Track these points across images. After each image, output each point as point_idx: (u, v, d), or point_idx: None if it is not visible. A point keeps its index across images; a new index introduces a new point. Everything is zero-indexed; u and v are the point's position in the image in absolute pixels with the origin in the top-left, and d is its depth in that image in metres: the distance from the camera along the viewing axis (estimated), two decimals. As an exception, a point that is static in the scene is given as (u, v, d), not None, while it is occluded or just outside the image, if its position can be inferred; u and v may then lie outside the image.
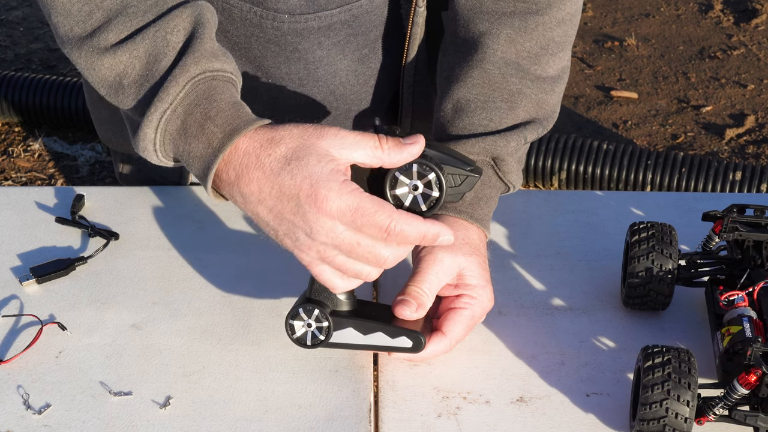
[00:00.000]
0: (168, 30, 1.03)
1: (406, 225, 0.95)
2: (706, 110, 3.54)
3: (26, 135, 3.41)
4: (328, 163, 0.95)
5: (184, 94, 1.01)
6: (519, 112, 1.17)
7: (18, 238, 1.28)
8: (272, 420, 1.03)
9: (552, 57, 1.20)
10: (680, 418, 0.94)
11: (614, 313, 1.18)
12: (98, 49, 1.04)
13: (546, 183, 3.13)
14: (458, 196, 1.01)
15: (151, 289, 1.20)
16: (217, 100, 1.01)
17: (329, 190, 0.93)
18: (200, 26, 1.05)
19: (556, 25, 1.19)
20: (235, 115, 1.00)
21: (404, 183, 0.99)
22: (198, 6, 1.07)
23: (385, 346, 1.06)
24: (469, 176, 1.01)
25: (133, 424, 1.02)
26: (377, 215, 0.94)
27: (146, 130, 1.01)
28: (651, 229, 1.14)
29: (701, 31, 4.06)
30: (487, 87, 1.17)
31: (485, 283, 1.09)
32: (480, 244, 1.12)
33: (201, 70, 1.02)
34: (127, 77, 1.04)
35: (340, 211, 0.94)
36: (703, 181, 2.99)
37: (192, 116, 1.00)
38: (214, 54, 1.04)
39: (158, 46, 1.03)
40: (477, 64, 1.17)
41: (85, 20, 1.05)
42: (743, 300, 1.05)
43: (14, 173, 3.23)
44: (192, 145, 1.00)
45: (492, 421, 1.03)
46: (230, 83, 1.05)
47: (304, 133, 0.96)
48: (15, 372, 1.08)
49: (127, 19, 1.04)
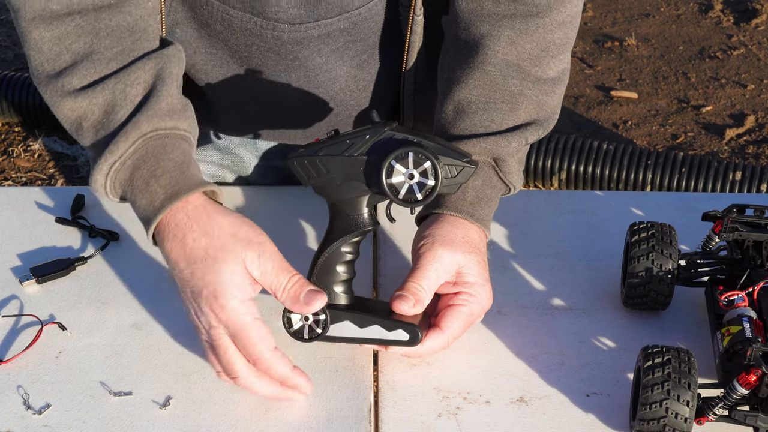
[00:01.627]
0: (128, 83, 1.08)
1: (274, 365, 1.02)
2: (706, 110, 3.54)
3: (26, 135, 3.41)
4: (239, 276, 1.01)
5: (134, 149, 1.07)
6: (520, 114, 1.18)
7: (18, 238, 1.28)
8: (272, 420, 1.03)
9: (552, 59, 1.20)
10: (680, 418, 0.94)
11: (614, 313, 1.18)
12: (62, 92, 1.09)
13: (546, 183, 3.13)
14: (454, 188, 1.03)
15: (151, 289, 1.20)
16: (164, 159, 1.06)
17: (227, 303, 1.00)
18: (160, 81, 1.09)
19: (556, 27, 1.19)
20: (180, 178, 1.05)
21: (400, 172, 1.00)
22: (163, 57, 1.11)
23: (382, 339, 1.06)
24: (465, 167, 1.02)
25: (133, 424, 1.02)
26: (253, 346, 1.01)
27: (97, 176, 1.07)
28: (651, 229, 1.14)
29: (701, 31, 4.06)
30: (488, 88, 1.17)
31: (484, 282, 1.09)
32: (480, 243, 1.12)
33: (152, 128, 1.07)
34: (87, 121, 1.09)
35: (228, 322, 1.01)
36: (703, 181, 2.99)
37: (139, 171, 1.06)
38: (170, 111, 1.08)
39: (117, 98, 1.08)
40: (478, 65, 1.18)
41: (54, 59, 1.10)
42: (743, 300, 1.05)
43: (14, 173, 3.23)
44: (137, 197, 1.06)
45: (492, 421, 1.03)
46: (182, 140, 1.10)
47: (234, 236, 1.02)
48: (15, 372, 1.08)
49: (91, 66, 1.09)
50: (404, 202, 1.02)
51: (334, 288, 1.06)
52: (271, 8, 1.20)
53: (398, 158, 1.00)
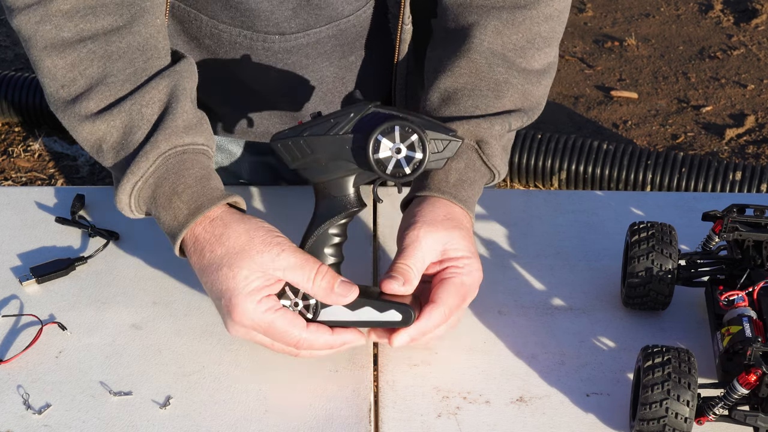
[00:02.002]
0: (143, 103, 1.10)
1: (314, 340, 1.04)
2: (706, 110, 3.54)
3: (26, 135, 3.41)
4: (255, 281, 1.02)
5: (155, 168, 1.08)
6: (505, 101, 1.18)
7: (18, 238, 1.28)
8: (272, 420, 1.03)
9: (538, 51, 1.21)
10: (680, 418, 0.94)
11: (614, 313, 1.18)
12: (79, 116, 1.11)
13: (546, 183, 3.13)
14: (441, 162, 1.03)
15: (151, 289, 1.20)
16: (185, 175, 1.08)
17: (244, 309, 1.01)
18: (174, 99, 1.11)
19: (543, 21, 1.20)
20: (201, 192, 1.07)
21: (387, 146, 1.00)
22: (175, 74, 1.12)
23: (375, 321, 1.05)
24: (451, 141, 1.02)
25: (133, 424, 1.02)
26: (286, 335, 1.03)
27: (121, 196, 1.09)
28: (651, 229, 1.14)
29: (701, 31, 4.06)
30: (474, 76, 1.18)
31: (471, 254, 1.09)
32: (464, 221, 1.12)
33: (171, 146, 1.09)
34: (106, 143, 1.11)
35: (253, 326, 1.03)
36: (703, 181, 2.99)
37: (161, 189, 1.08)
38: (186, 128, 1.10)
39: (134, 119, 1.09)
40: (464, 54, 1.19)
41: (69, 85, 1.11)
42: (743, 300, 1.05)
43: (14, 173, 3.23)
44: (161, 213, 1.08)
45: (492, 421, 1.03)
46: (201, 154, 1.11)
47: (249, 242, 1.03)
48: (15, 372, 1.09)
49: (106, 89, 1.10)
50: (392, 177, 1.01)
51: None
52: (262, 23, 1.23)
53: (384, 132, 1.00)
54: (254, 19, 1.22)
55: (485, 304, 1.18)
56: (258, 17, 1.22)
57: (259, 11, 1.22)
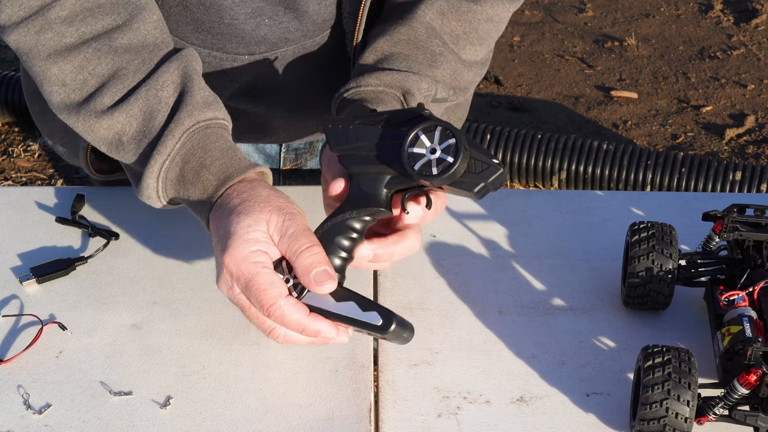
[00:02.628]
0: (158, 87, 1.10)
1: (288, 313, 0.98)
2: (706, 110, 3.54)
3: (26, 135, 3.41)
4: (257, 232, 0.99)
5: (181, 144, 1.08)
6: (437, 72, 1.20)
7: (18, 238, 1.28)
8: (272, 420, 1.03)
9: (471, 45, 1.25)
10: (680, 417, 0.94)
11: (614, 313, 1.18)
12: (95, 113, 1.10)
13: (546, 183, 3.13)
14: (473, 186, 0.99)
15: (151, 289, 1.20)
16: (211, 148, 1.08)
17: (236, 251, 0.98)
18: (188, 79, 1.11)
19: (484, 20, 1.25)
20: (229, 164, 1.07)
21: (424, 144, 0.99)
22: (183, 57, 1.13)
23: (354, 319, 1.00)
24: (491, 166, 0.98)
25: (133, 424, 1.02)
26: (263, 294, 0.98)
27: (149, 180, 1.08)
28: (651, 229, 1.14)
29: (701, 31, 4.06)
30: (412, 45, 1.20)
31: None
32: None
33: (195, 122, 1.08)
34: (126, 135, 1.10)
35: (238, 274, 0.99)
36: (703, 181, 2.99)
37: (189, 164, 1.07)
38: (205, 103, 1.10)
39: (151, 104, 1.09)
40: (405, 22, 1.21)
41: (80, 88, 1.11)
42: (743, 300, 1.05)
43: (14, 173, 3.23)
44: (189, 190, 1.07)
45: (492, 421, 1.03)
46: (222, 128, 1.11)
47: (267, 201, 1.01)
48: (15, 372, 1.08)
49: (119, 82, 1.10)
50: (418, 175, 0.99)
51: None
52: (233, 45, 1.26)
53: (426, 130, 0.99)
54: (225, 42, 1.25)
55: (485, 304, 1.18)
56: (229, 40, 1.25)
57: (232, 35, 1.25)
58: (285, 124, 1.39)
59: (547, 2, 4.30)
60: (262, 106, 1.35)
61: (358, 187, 1.03)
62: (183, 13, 1.23)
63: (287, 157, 1.51)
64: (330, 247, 1.02)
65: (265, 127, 1.39)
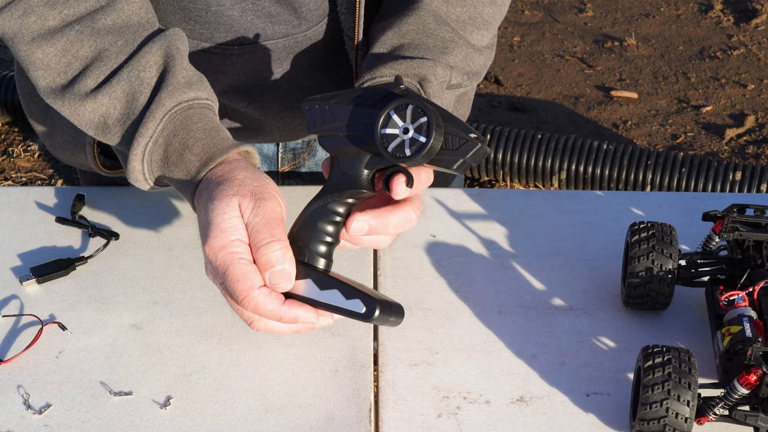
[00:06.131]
0: (140, 68, 1.09)
1: (263, 303, 0.98)
2: (706, 110, 3.54)
3: (26, 135, 3.41)
4: (231, 219, 0.98)
5: (162, 126, 1.08)
6: (449, 58, 1.18)
7: (18, 238, 1.28)
8: (272, 420, 1.03)
9: (478, 30, 1.24)
10: (680, 417, 0.94)
11: (614, 313, 1.18)
12: (80, 96, 1.10)
13: (546, 183, 3.13)
14: (452, 163, 0.96)
15: (151, 289, 1.20)
16: (193, 129, 1.07)
17: (213, 240, 0.98)
18: (170, 58, 1.11)
19: (488, 3, 1.25)
20: (211, 143, 1.06)
21: (396, 124, 0.95)
22: (167, 37, 1.12)
23: (337, 307, 0.98)
24: (468, 141, 0.95)
25: (133, 424, 1.02)
26: (238, 285, 0.97)
27: (134, 163, 1.08)
28: (651, 229, 1.14)
29: (701, 31, 4.06)
30: (422, 33, 1.19)
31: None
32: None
33: (176, 102, 1.08)
34: (111, 117, 1.10)
35: (217, 263, 0.98)
36: (703, 181, 2.99)
37: (171, 146, 1.07)
38: (187, 83, 1.10)
39: (134, 85, 1.09)
40: (412, 12, 1.20)
41: (65, 71, 1.11)
42: (743, 300, 1.05)
43: (14, 173, 3.23)
44: (173, 171, 1.07)
45: (492, 421, 1.04)
46: (206, 108, 1.11)
47: (241, 185, 1.00)
48: (15, 372, 1.09)
49: (102, 64, 1.10)
50: (392, 156, 0.96)
51: (311, 246, 1.00)
52: (220, 34, 1.25)
53: (397, 110, 0.96)
54: (213, 31, 1.25)
55: (485, 304, 1.18)
56: (217, 29, 1.24)
57: (219, 24, 1.24)
58: (280, 123, 1.39)
59: (547, 2, 4.30)
60: (255, 104, 1.34)
61: (338, 169, 1.01)
62: (171, 2, 1.23)
63: (285, 156, 1.51)
64: (313, 233, 1.00)
65: (259, 126, 1.39)
